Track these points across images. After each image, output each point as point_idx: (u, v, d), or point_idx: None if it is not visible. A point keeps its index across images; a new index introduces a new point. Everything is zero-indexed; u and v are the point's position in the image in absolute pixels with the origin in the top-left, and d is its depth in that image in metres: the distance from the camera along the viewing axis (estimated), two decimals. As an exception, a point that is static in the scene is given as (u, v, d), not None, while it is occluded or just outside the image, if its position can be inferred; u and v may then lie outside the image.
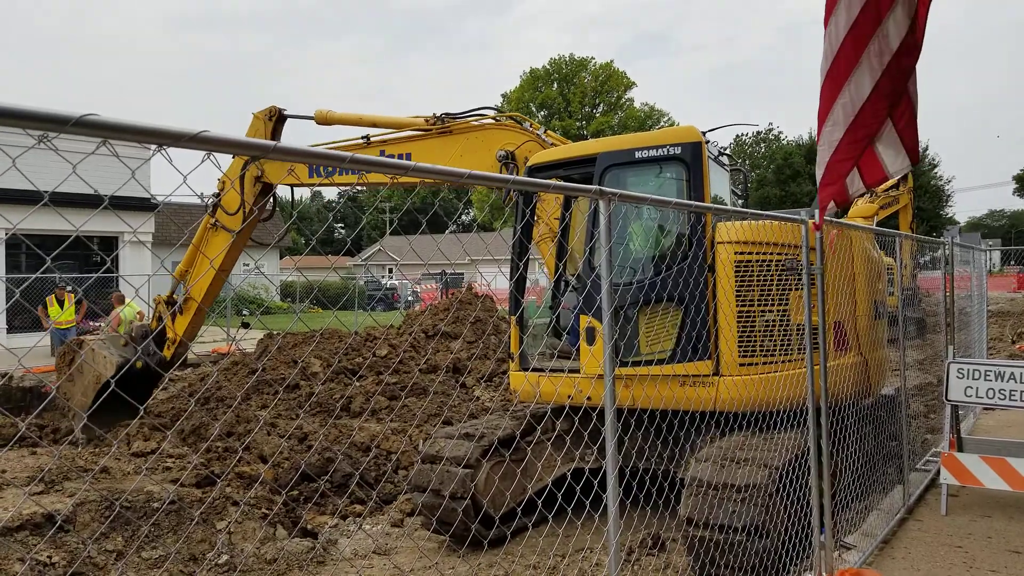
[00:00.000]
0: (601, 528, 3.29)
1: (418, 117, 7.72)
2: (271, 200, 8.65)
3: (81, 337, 9.71)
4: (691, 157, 5.99)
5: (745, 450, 5.16)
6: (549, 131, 7.48)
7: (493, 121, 7.53)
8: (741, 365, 5.74)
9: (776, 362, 5.78)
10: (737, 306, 5.78)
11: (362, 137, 7.85)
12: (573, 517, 4.24)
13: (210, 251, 8.51)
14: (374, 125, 7.87)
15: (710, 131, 6.51)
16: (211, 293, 8.90)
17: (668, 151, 6.08)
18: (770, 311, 5.84)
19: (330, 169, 7.85)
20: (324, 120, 8.08)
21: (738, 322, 5.77)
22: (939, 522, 6.07)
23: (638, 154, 6.18)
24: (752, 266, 5.81)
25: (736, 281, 5.77)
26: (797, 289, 5.80)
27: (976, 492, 6.53)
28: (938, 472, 6.48)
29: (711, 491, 4.91)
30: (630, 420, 5.54)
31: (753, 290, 5.80)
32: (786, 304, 5.85)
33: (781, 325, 5.84)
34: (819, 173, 4.43)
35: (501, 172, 7.16)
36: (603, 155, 6.31)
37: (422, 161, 7.94)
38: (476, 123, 7.50)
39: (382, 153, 7.68)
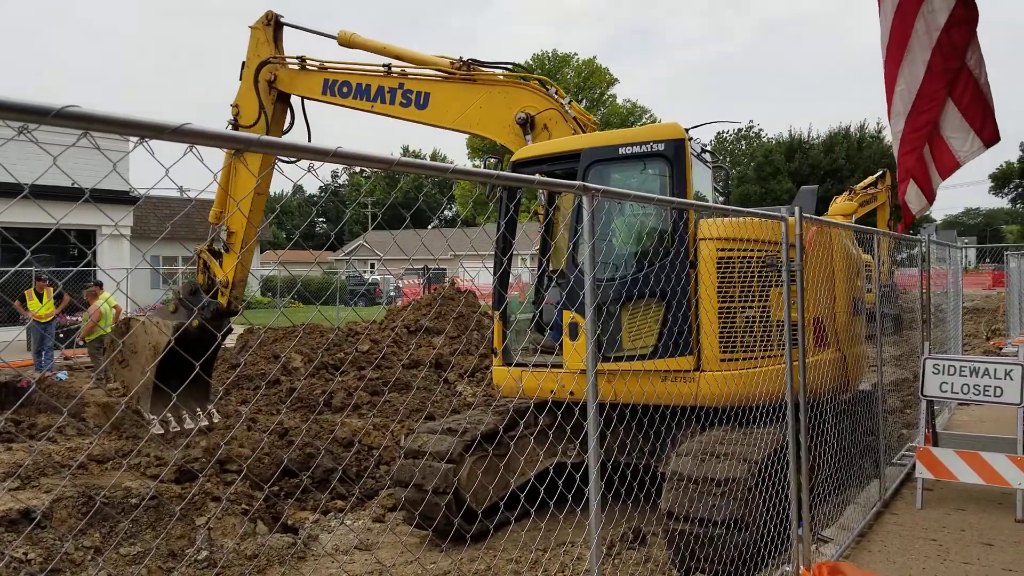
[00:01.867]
0: (583, 522, 3.32)
1: (444, 58, 7.44)
2: (290, 111, 8.26)
3: (128, 318, 8.95)
4: (674, 154, 6.02)
5: (725, 445, 5.21)
6: (574, 103, 7.20)
7: (521, 80, 7.24)
8: (722, 360, 5.79)
9: (757, 358, 5.84)
10: (719, 302, 5.82)
11: (383, 66, 7.57)
12: (555, 511, 4.26)
13: (241, 177, 8.05)
14: (398, 57, 7.59)
15: (693, 128, 6.55)
16: (254, 217, 8.44)
17: (652, 148, 6.11)
18: (751, 307, 5.89)
19: (344, 90, 7.61)
20: (348, 43, 7.84)
21: (719, 318, 5.82)
22: (914, 515, 6.16)
23: (622, 150, 6.21)
24: (734, 262, 5.85)
25: (718, 277, 5.81)
26: (778, 285, 5.86)
27: (950, 486, 6.64)
28: (914, 466, 6.58)
29: (691, 485, 4.96)
30: (612, 415, 5.58)
31: (735, 286, 5.85)
32: (767, 300, 5.90)
33: (762, 321, 5.89)
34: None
35: (518, 133, 6.92)
36: (587, 151, 6.33)
37: (441, 104, 7.80)
38: (502, 77, 7.21)
39: (401, 86, 7.39)
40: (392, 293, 35.56)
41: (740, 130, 68.41)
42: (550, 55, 60.99)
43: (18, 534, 5.43)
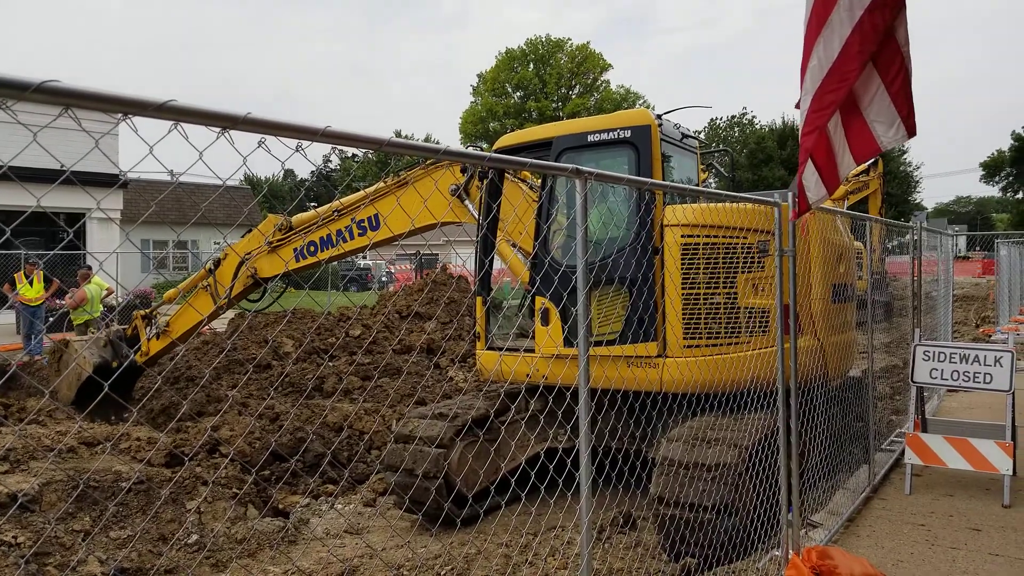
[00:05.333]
0: (573, 507, 3.31)
1: (376, 183, 8.04)
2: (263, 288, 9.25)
3: (66, 337, 10.89)
4: (640, 140, 6.00)
5: (715, 430, 5.22)
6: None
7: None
8: (686, 347, 5.79)
9: (722, 344, 5.82)
10: (683, 288, 5.80)
11: (335, 211, 8.08)
12: (546, 496, 4.27)
13: (196, 302, 9.09)
14: (340, 207, 8.13)
15: (666, 113, 6.54)
16: (185, 336, 9.76)
17: (618, 134, 6.11)
18: (716, 294, 5.87)
19: (312, 248, 8.22)
20: (300, 223, 8.55)
21: (683, 304, 5.80)
22: (903, 501, 6.20)
23: (590, 137, 6.22)
24: (699, 248, 5.82)
25: (682, 263, 5.79)
26: (745, 272, 5.85)
27: (939, 472, 6.69)
28: (903, 452, 6.62)
29: (681, 470, 4.97)
30: (603, 400, 5.58)
31: (699, 273, 5.82)
32: (733, 286, 5.88)
33: (728, 308, 5.87)
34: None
35: (460, 206, 7.28)
36: (559, 139, 6.37)
37: (388, 216, 8.12)
38: (422, 169, 7.59)
39: (353, 219, 7.92)
40: (384, 278, 35.46)
41: (733, 116, 68.32)
42: (543, 40, 60.57)
43: (6, 517, 5.40)
